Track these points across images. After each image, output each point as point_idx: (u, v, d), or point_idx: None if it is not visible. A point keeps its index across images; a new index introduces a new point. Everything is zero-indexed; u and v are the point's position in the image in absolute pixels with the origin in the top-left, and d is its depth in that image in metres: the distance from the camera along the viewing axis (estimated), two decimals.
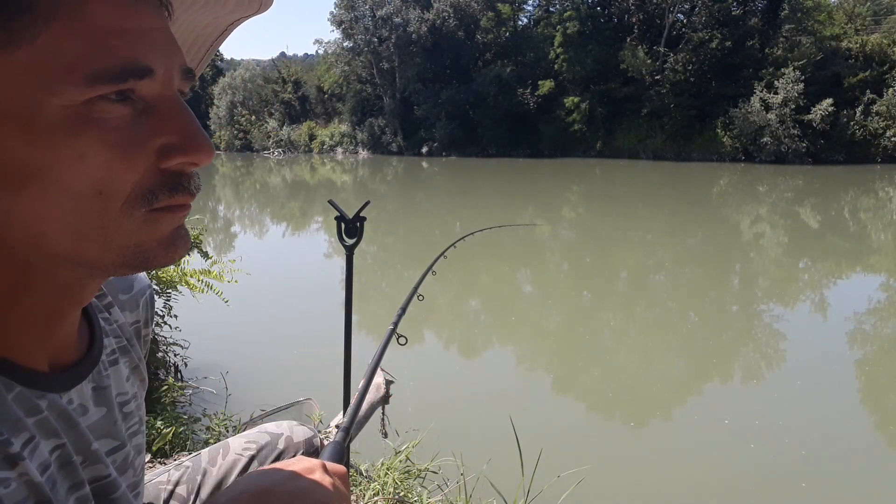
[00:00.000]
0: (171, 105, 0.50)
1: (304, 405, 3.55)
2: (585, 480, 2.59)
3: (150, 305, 0.75)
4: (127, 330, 0.68)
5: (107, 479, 0.57)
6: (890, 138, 30.58)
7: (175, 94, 0.51)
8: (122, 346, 0.67)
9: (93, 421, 0.58)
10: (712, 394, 5.23)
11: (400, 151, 43.22)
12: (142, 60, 0.47)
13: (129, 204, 0.48)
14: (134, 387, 0.67)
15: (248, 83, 52.92)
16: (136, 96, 0.48)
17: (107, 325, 0.65)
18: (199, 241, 3.37)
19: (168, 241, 0.52)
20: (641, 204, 18.63)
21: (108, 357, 0.63)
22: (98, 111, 0.45)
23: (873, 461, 3.97)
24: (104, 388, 0.61)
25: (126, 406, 0.64)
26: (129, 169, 0.47)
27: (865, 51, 33.29)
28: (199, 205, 18.67)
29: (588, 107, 37.30)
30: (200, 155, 0.50)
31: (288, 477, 0.60)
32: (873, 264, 10.51)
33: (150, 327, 0.76)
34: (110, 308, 0.67)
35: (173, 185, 0.50)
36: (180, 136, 0.49)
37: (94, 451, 0.56)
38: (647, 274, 9.76)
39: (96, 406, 0.59)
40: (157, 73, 0.48)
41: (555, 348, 6.35)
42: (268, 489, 0.59)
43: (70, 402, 0.55)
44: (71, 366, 0.57)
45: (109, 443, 0.60)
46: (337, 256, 10.31)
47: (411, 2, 43.29)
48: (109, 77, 0.45)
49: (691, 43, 35.20)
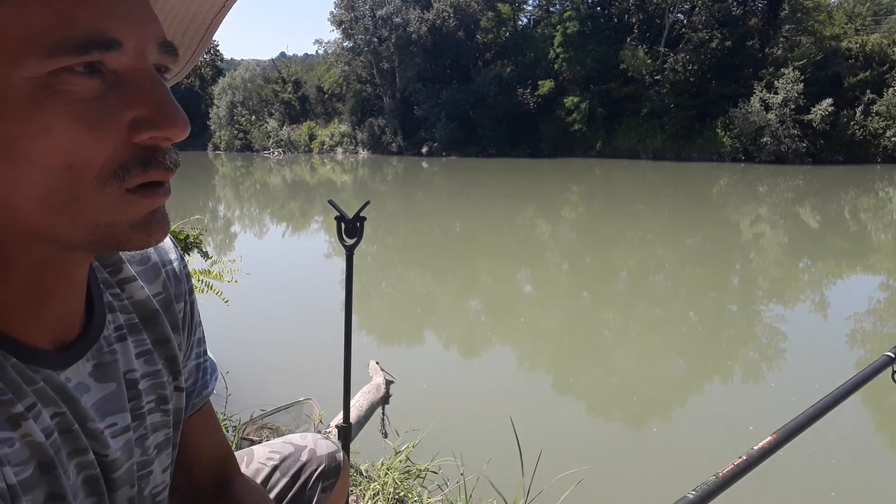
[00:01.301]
0: (143, 78, 0.48)
1: (304, 405, 3.55)
2: (585, 480, 2.59)
3: (176, 277, 0.72)
4: (145, 305, 0.66)
5: (105, 457, 0.57)
6: (890, 138, 30.57)
7: (148, 67, 0.49)
8: (133, 324, 0.65)
9: (97, 398, 0.58)
10: (712, 394, 5.23)
11: (400, 151, 43.21)
12: (108, 32, 0.46)
13: (101, 179, 0.47)
14: (152, 364, 0.65)
15: (248, 83, 52.89)
16: (106, 69, 0.47)
17: (116, 300, 0.64)
18: (199, 241, 3.37)
19: (142, 225, 0.50)
20: (641, 204, 18.62)
21: (115, 333, 0.62)
22: (63, 83, 0.45)
23: (873, 460, 3.97)
24: (108, 365, 0.60)
25: (139, 383, 0.63)
26: (99, 142, 0.46)
27: (865, 51, 33.27)
28: (199, 205, 18.67)
29: (588, 107, 37.28)
30: (173, 129, 0.49)
31: None
32: (873, 264, 10.51)
33: (186, 299, 0.73)
34: (125, 283, 0.65)
35: (147, 159, 0.49)
36: (152, 110, 0.48)
37: (93, 428, 0.56)
38: (647, 274, 9.76)
39: (100, 382, 0.58)
40: (126, 45, 0.47)
41: (555, 348, 6.35)
42: None
43: (68, 380, 0.55)
44: (71, 343, 0.57)
45: (115, 420, 0.59)
46: (337, 256, 10.31)
47: (411, 2, 43.27)
48: (72, 48, 0.44)
49: (691, 43, 35.19)
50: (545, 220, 15.71)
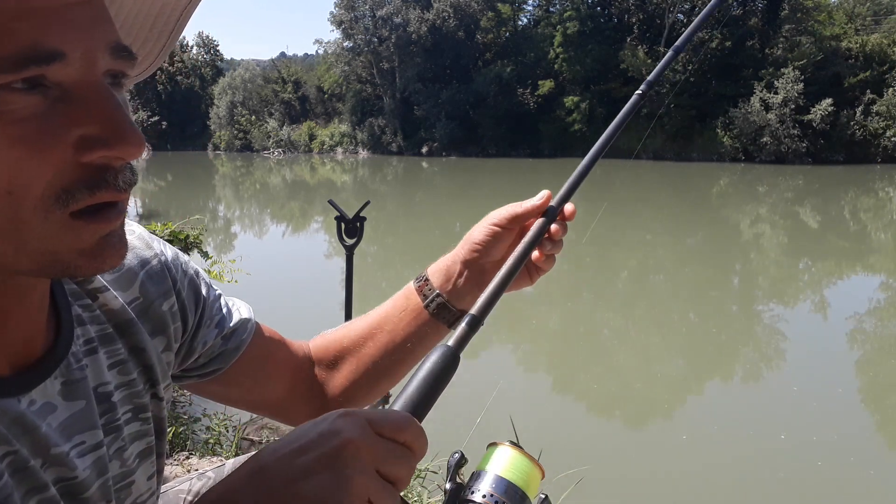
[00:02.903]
0: (91, 91, 0.44)
1: None
2: (585, 480, 2.59)
3: (159, 275, 0.69)
4: (119, 315, 0.63)
5: (72, 480, 0.54)
6: (890, 138, 30.58)
7: (98, 79, 0.45)
8: (106, 334, 0.62)
9: (64, 418, 0.55)
10: (712, 394, 5.23)
11: (400, 151, 43.22)
12: (48, 43, 0.42)
13: (43, 204, 0.43)
14: (126, 374, 0.63)
15: (248, 83, 52.89)
16: (50, 82, 0.43)
17: (87, 312, 0.61)
18: (199, 241, 3.37)
19: (92, 252, 0.47)
20: (641, 204, 18.62)
21: (84, 347, 0.59)
22: (1, 103, 0.41)
23: (873, 461, 3.97)
24: (77, 382, 0.57)
25: (113, 395, 0.61)
26: (41, 165, 0.43)
27: (865, 51, 33.29)
28: (199, 205, 18.69)
29: (588, 107, 37.31)
30: (126, 147, 0.45)
31: (292, 452, 0.50)
32: (873, 264, 10.51)
33: (176, 289, 0.71)
34: (98, 293, 0.62)
35: (94, 181, 0.45)
36: (102, 127, 0.44)
37: (56, 454, 0.52)
38: (647, 274, 9.76)
39: (67, 401, 0.55)
40: (70, 55, 0.43)
41: (555, 348, 6.35)
42: (263, 468, 0.50)
43: (32, 404, 0.52)
44: (34, 364, 0.53)
45: (83, 438, 0.56)
46: (337, 256, 10.31)
47: (411, 2, 43.28)
48: (8, 65, 0.41)
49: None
50: None
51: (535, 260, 0.85)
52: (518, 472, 0.67)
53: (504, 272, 0.76)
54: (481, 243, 0.87)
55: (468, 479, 0.67)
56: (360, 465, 0.49)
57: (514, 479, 0.66)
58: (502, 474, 0.66)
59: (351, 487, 0.48)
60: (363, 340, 0.88)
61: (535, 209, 0.87)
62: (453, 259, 0.88)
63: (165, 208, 18.20)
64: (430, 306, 0.86)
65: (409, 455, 0.52)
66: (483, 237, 0.87)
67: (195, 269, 0.76)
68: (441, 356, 0.64)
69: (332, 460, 0.48)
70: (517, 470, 0.67)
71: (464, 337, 0.68)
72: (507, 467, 0.67)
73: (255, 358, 0.81)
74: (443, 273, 0.88)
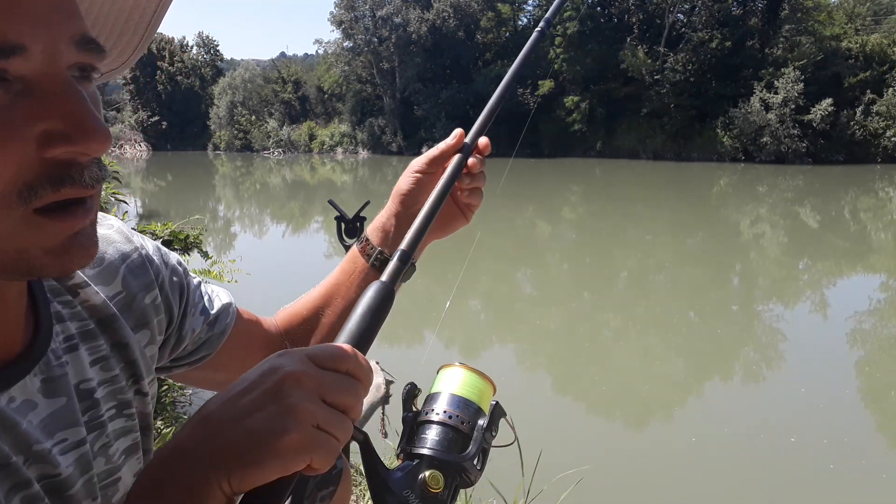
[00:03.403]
0: (54, 85, 0.43)
1: None
2: (585, 480, 2.59)
3: (140, 268, 0.70)
4: (101, 310, 0.63)
5: (55, 477, 0.54)
6: (890, 138, 30.56)
7: (61, 72, 0.44)
8: (87, 331, 0.62)
9: (45, 415, 0.54)
10: (712, 394, 5.23)
11: (400, 151, 43.21)
12: (6, 37, 0.41)
13: (4, 201, 0.43)
14: (109, 370, 0.63)
15: (248, 83, 52.89)
16: (12, 76, 0.42)
17: (66, 309, 0.60)
18: (199, 241, 3.37)
19: (59, 250, 0.46)
20: (641, 204, 18.62)
21: (64, 344, 0.59)
22: None
23: (873, 461, 3.97)
24: (57, 379, 0.56)
25: (96, 392, 0.61)
26: (2, 160, 0.42)
27: (865, 51, 33.27)
28: (199, 205, 18.69)
29: (588, 107, 37.30)
30: (89, 143, 0.44)
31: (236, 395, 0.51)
32: (873, 264, 10.51)
33: (159, 281, 0.71)
34: (79, 289, 0.62)
35: (59, 177, 0.44)
36: (65, 121, 0.43)
37: (38, 450, 0.52)
38: (647, 274, 9.76)
39: (48, 398, 0.55)
40: (31, 48, 0.42)
41: (555, 348, 6.34)
42: (209, 415, 0.50)
43: (11, 401, 0.52)
44: (12, 362, 0.53)
45: (66, 435, 0.56)
46: (337, 256, 10.31)
47: (411, 2, 43.28)
48: None
49: (691, 43, 35.19)
50: (545, 220, 15.71)
51: (462, 196, 0.92)
52: (470, 388, 0.70)
53: (429, 206, 0.80)
54: (407, 192, 0.91)
55: (423, 403, 0.70)
56: (302, 394, 0.49)
57: (468, 395, 0.69)
58: (456, 392, 0.69)
59: (296, 414, 0.48)
60: (321, 310, 0.91)
61: (451, 148, 0.92)
62: (387, 215, 0.92)
63: (165, 208, 18.20)
64: (375, 264, 0.89)
65: (353, 383, 0.53)
66: (408, 186, 0.91)
67: (176, 259, 0.77)
68: (376, 291, 0.66)
69: (274, 394, 0.49)
70: (469, 386, 0.70)
71: (396, 271, 0.70)
72: (460, 385, 0.70)
73: (238, 340, 0.83)
74: (380, 230, 0.92)
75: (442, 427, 0.66)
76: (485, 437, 0.67)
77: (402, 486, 0.61)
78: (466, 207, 0.95)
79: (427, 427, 0.66)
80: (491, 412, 0.70)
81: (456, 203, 0.94)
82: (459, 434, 0.66)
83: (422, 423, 0.67)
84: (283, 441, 0.48)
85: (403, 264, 0.72)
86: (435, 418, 0.67)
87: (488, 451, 0.68)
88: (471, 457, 0.65)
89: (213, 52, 60.38)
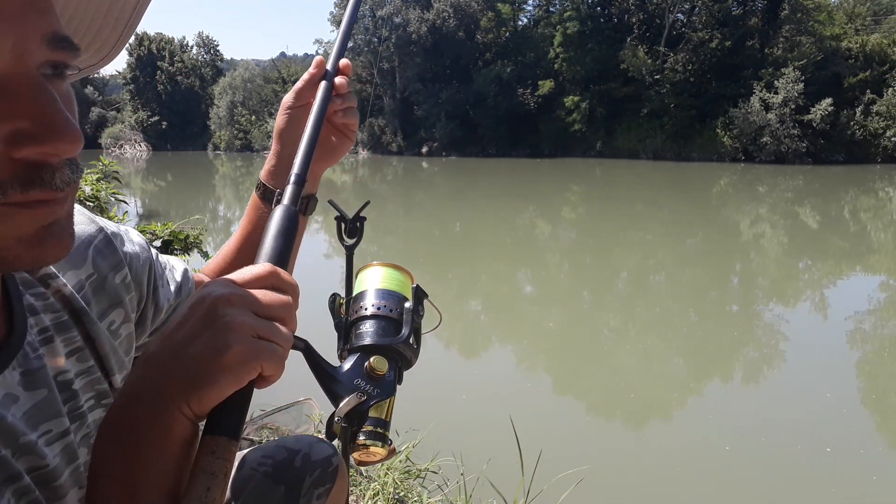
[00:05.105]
0: (22, 84, 0.42)
1: (304, 405, 3.55)
2: (585, 480, 2.59)
3: (107, 247, 0.70)
4: (72, 302, 0.63)
5: (43, 468, 0.54)
6: (890, 138, 30.57)
7: (30, 70, 0.43)
8: (61, 322, 0.62)
9: (28, 407, 0.55)
10: (712, 394, 5.22)
11: (400, 151, 43.23)
12: None
13: None
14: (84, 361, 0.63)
15: (248, 83, 52.91)
16: None
17: (39, 300, 0.60)
18: (199, 241, 3.37)
19: (33, 241, 0.45)
20: (641, 204, 18.62)
21: (39, 336, 0.59)
22: None
23: (874, 461, 3.97)
24: (36, 371, 0.57)
25: (74, 383, 0.61)
26: None
27: (865, 51, 33.28)
28: (199, 205, 18.69)
29: (588, 107, 37.30)
30: (58, 143, 0.43)
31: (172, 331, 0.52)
32: (873, 264, 10.51)
33: (122, 270, 0.72)
34: (49, 280, 0.62)
35: (28, 178, 0.43)
36: (34, 121, 0.42)
37: (25, 443, 0.53)
38: (647, 274, 9.76)
39: (29, 390, 0.55)
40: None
41: (555, 348, 6.34)
42: (150, 355, 0.52)
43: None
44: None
45: (50, 426, 0.56)
46: (337, 256, 10.31)
47: (411, 2, 43.30)
48: None
49: (691, 43, 35.21)
50: (545, 220, 15.72)
51: (338, 118, 0.96)
52: (391, 280, 0.75)
53: (309, 130, 0.81)
54: (284, 128, 0.96)
55: (351, 305, 0.74)
56: (235, 311, 0.51)
57: (391, 286, 0.75)
58: (380, 286, 0.75)
59: (234, 329, 0.51)
60: (241, 259, 0.96)
61: (314, 76, 0.95)
62: (273, 158, 0.97)
63: (165, 208, 18.21)
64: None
65: (280, 296, 0.55)
66: (284, 124, 0.96)
67: (138, 235, 0.79)
68: (279, 213, 0.69)
69: (209, 318, 0.51)
70: (390, 279, 0.76)
71: (294, 194, 0.72)
72: (381, 279, 0.76)
73: None
74: (271, 173, 0.98)
75: (375, 319, 0.72)
76: (413, 318, 0.72)
77: (351, 377, 0.66)
78: (345, 127, 0.99)
79: (361, 323, 0.72)
80: (414, 295, 0.75)
81: (335, 126, 0.98)
82: (391, 322, 0.71)
83: (354, 321, 0.72)
84: (229, 355, 0.50)
85: (299, 186, 0.74)
86: (366, 313, 0.72)
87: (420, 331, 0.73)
88: (405, 337, 0.70)
89: (213, 52, 60.41)
